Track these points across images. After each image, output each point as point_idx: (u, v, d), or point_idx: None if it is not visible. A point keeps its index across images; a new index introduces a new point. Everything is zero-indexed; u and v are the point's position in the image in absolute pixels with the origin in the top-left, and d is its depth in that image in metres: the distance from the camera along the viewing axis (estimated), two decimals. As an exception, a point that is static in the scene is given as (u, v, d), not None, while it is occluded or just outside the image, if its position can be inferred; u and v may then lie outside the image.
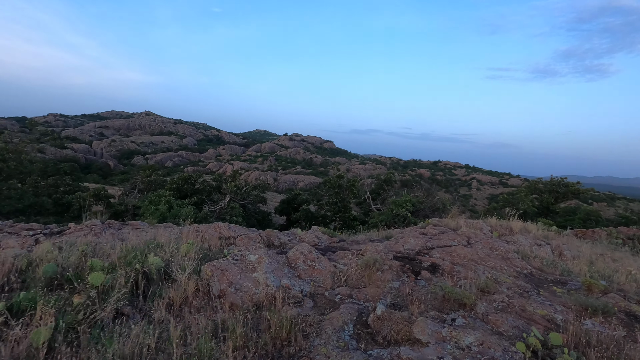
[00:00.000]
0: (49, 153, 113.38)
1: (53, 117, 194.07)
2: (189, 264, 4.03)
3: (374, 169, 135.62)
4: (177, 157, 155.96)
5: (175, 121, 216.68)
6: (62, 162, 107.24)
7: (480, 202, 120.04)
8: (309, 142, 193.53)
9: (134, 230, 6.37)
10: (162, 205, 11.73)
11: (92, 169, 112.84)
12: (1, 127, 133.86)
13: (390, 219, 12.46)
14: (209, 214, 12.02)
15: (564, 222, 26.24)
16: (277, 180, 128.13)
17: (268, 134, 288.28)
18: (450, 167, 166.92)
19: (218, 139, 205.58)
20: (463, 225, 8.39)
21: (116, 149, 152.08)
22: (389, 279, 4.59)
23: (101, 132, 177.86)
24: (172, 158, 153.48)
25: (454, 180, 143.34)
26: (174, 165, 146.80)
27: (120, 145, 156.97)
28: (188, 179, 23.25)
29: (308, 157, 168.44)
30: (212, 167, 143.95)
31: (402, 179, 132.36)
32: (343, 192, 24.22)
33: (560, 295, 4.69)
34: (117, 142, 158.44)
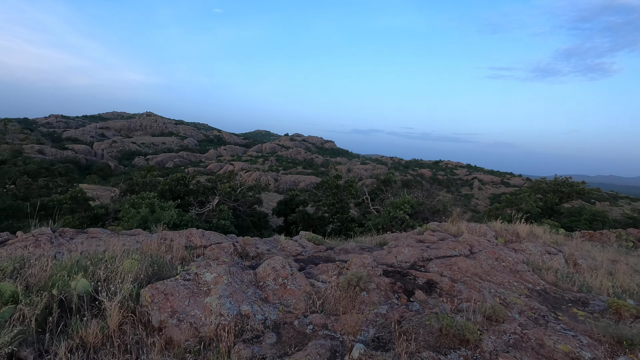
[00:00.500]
0: (49, 154, 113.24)
1: (54, 118, 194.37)
2: (124, 287, 3.25)
3: (375, 169, 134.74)
4: (178, 158, 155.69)
5: (176, 122, 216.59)
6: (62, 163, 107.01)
7: (482, 202, 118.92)
8: (310, 143, 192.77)
9: (88, 239, 5.59)
10: (143, 208, 10.97)
11: (93, 169, 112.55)
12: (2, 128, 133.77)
13: (387, 222, 11.65)
14: (195, 218, 11.26)
15: (569, 223, 25.31)
16: (277, 181, 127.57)
17: (269, 134, 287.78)
18: (451, 166, 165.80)
19: (219, 140, 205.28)
20: (465, 231, 7.57)
21: (117, 150, 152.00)
22: (376, 302, 3.78)
23: (102, 133, 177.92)
24: (172, 159, 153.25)
25: (456, 180, 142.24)
26: (175, 166, 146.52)
27: (121, 146, 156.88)
28: (181, 180, 22.47)
29: (309, 157, 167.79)
30: (212, 167, 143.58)
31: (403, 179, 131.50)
32: (341, 193, 23.40)
33: (583, 320, 3.87)
34: (118, 143, 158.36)
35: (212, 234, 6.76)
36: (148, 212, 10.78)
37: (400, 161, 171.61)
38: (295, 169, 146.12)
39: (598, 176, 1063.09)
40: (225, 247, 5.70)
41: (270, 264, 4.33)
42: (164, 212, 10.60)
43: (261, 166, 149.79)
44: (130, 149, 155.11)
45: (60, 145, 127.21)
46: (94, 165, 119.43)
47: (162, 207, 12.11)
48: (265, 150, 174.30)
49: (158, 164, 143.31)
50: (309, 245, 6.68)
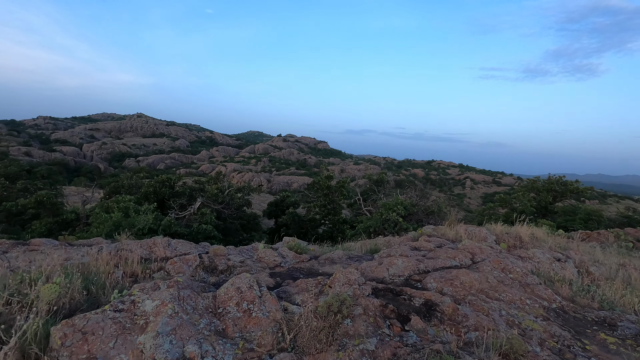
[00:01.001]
0: (37, 156, 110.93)
1: (43, 120, 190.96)
2: (27, 324, 2.43)
3: (368, 169, 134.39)
4: (170, 159, 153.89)
5: (167, 123, 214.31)
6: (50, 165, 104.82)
7: (474, 201, 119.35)
8: (303, 143, 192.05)
9: (26, 253, 4.74)
10: (116, 212, 10.04)
11: (82, 172, 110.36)
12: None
13: (379, 225, 10.90)
14: (174, 222, 10.36)
15: (564, 222, 24.87)
16: (270, 182, 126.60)
17: (262, 135, 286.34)
18: (444, 166, 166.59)
19: (211, 141, 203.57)
20: (464, 236, 6.84)
21: (107, 152, 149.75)
22: (362, 333, 3.01)
23: (92, 135, 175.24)
24: (164, 160, 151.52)
25: (448, 180, 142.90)
26: (166, 167, 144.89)
27: (112, 147, 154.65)
28: (166, 182, 21.50)
29: (302, 157, 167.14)
30: (204, 169, 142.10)
31: (396, 179, 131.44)
32: (332, 194, 22.64)
33: (616, 350, 3.15)
34: (108, 145, 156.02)
35: (179, 243, 5.92)
36: (121, 217, 9.89)
37: (393, 161, 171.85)
38: (288, 169, 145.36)
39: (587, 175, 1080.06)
40: (190, 260, 4.88)
41: (234, 284, 3.53)
42: (138, 217, 9.69)
43: (254, 167, 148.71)
44: (121, 150, 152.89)
45: (48, 147, 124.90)
46: (83, 167, 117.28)
47: (137, 211, 11.21)
48: (258, 151, 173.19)
49: (149, 166, 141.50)
50: (290, 254, 5.88)
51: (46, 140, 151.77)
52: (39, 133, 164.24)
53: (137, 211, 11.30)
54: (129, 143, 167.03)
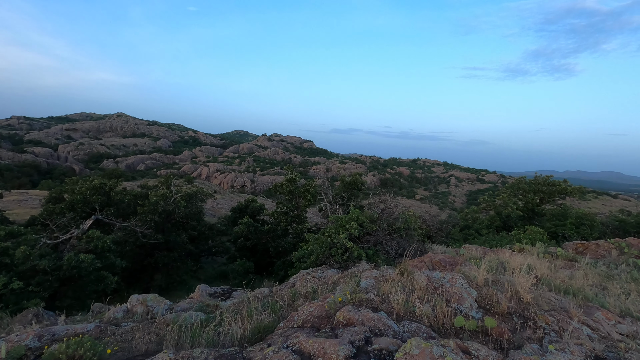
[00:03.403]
0: (6, 157, 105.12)
1: (17, 120, 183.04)
2: None
3: (354, 168, 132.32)
4: (150, 160, 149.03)
5: (149, 123, 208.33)
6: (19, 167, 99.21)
7: (458, 198, 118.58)
8: (289, 143, 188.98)
9: None
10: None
11: (54, 174, 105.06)
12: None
13: (325, 250, 8.22)
14: (45, 252, 7.50)
15: (553, 228, 22.75)
16: (254, 182, 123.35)
17: (247, 135, 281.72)
18: (429, 164, 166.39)
19: (194, 141, 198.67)
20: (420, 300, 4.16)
21: (84, 153, 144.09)
22: None
23: (69, 135, 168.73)
24: (144, 161, 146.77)
25: (433, 178, 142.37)
26: (147, 168, 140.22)
27: (89, 148, 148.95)
28: (100, 187, 18.42)
29: (287, 157, 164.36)
30: (186, 169, 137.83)
31: (382, 178, 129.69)
32: (296, 199, 19.95)
33: None
34: (85, 145, 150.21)
35: None
36: None
37: (379, 160, 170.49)
38: (273, 169, 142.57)
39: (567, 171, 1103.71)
40: None
41: None
42: None
43: (237, 167, 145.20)
44: (99, 151, 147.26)
45: (18, 149, 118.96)
46: (56, 169, 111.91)
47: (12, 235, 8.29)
48: (243, 151, 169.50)
49: (128, 167, 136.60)
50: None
51: (19, 141, 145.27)
52: (12, 134, 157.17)
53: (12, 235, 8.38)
54: (107, 143, 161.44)
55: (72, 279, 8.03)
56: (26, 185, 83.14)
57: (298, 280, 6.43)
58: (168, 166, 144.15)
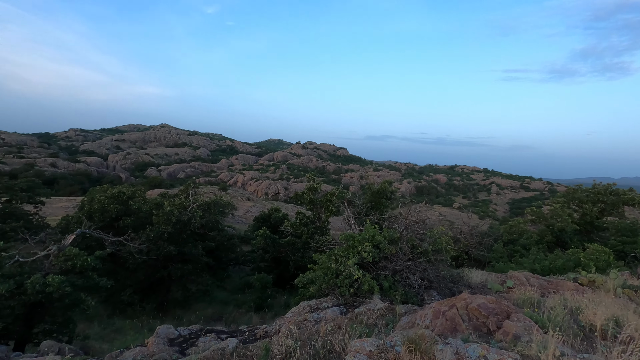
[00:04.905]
0: (62, 167, 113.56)
1: (74, 132, 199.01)
2: None
3: (389, 176, 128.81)
4: (190, 168, 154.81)
5: (189, 132, 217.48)
6: (74, 175, 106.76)
7: (500, 207, 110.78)
8: (322, 150, 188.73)
9: None
10: None
11: (103, 182, 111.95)
12: (21, 143, 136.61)
13: (330, 280, 6.61)
14: (11, 272, 6.55)
15: (619, 245, 19.32)
16: (287, 189, 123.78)
17: (282, 143, 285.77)
18: (468, 171, 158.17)
19: (231, 149, 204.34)
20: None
21: (131, 162, 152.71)
22: None
23: (118, 146, 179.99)
24: (184, 169, 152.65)
25: (472, 185, 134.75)
26: (187, 176, 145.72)
27: (135, 157, 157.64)
28: (118, 196, 18.11)
29: (321, 165, 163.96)
30: (223, 177, 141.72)
31: (417, 185, 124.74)
32: (318, 209, 18.49)
33: None
34: (132, 155, 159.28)
35: None
36: None
37: (414, 167, 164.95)
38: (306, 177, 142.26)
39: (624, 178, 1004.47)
40: None
41: None
42: None
43: (272, 175, 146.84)
44: (144, 160, 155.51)
45: (72, 158, 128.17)
46: (105, 177, 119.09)
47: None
48: (277, 159, 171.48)
49: (169, 175, 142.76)
50: None
51: (75, 151, 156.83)
52: (69, 145, 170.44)
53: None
54: (151, 153, 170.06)
55: (41, 304, 7.08)
56: (77, 193, 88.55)
57: (285, 325, 4.95)
58: (206, 174, 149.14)
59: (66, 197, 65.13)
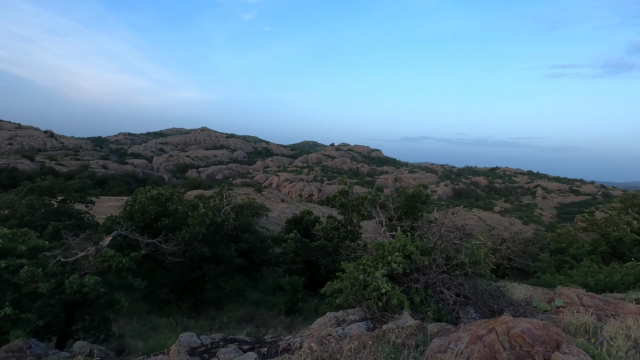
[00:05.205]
0: (112, 168, 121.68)
1: (122, 136, 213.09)
2: None
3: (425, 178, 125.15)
4: (227, 170, 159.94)
5: (227, 135, 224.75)
6: (122, 176, 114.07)
7: (547, 212, 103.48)
8: (356, 152, 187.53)
9: None
10: None
11: (148, 182, 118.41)
12: (77, 146, 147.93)
13: (357, 292, 6.26)
14: (54, 271, 6.94)
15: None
16: (321, 191, 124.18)
17: (316, 145, 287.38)
18: (510, 173, 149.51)
19: (267, 151, 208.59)
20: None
21: (173, 164, 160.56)
22: None
23: (161, 148, 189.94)
24: (222, 171, 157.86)
25: (515, 189, 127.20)
26: (224, 177, 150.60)
27: (177, 159, 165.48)
28: (157, 198, 18.88)
29: (355, 166, 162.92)
30: (259, 178, 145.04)
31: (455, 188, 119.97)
32: (349, 213, 18.14)
33: None
34: (174, 157, 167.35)
35: None
36: None
37: (452, 169, 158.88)
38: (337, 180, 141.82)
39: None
40: None
41: None
42: None
43: (306, 177, 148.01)
44: (185, 162, 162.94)
45: (121, 161, 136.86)
46: (150, 178, 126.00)
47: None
48: (311, 161, 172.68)
49: (208, 176, 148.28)
50: None
51: (123, 154, 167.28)
52: (119, 148, 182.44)
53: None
54: (192, 155, 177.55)
55: (79, 303, 7.40)
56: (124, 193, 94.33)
57: (308, 339, 4.72)
58: (243, 175, 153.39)
59: (114, 196, 69.57)
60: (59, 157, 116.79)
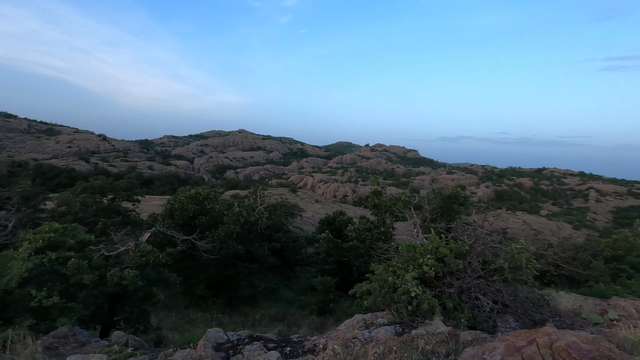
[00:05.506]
0: (157, 169, 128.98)
1: (167, 139, 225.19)
2: None
3: (464, 179, 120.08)
4: (264, 171, 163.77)
5: (264, 137, 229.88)
6: (166, 177, 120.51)
7: (601, 217, 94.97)
8: (392, 152, 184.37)
9: None
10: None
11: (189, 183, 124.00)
12: (126, 148, 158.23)
13: (386, 295, 6.03)
14: (98, 264, 7.44)
15: None
16: (356, 192, 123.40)
17: (351, 146, 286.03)
18: (558, 175, 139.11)
19: (302, 152, 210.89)
20: None
21: (212, 165, 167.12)
22: None
23: (202, 150, 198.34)
24: (259, 171, 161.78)
25: (565, 191, 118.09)
26: (261, 178, 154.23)
27: (216, 161, 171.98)
28: (195, 197, 19.64)
29: (390, 167, 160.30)
30: (294, 179, 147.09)
31: (497, 190, 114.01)
32: (382, 214, 17.78)
33: None
34: (213, 159, 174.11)
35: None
36: None
37: (493, 170, 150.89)
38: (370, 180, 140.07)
39: None
40: None
41: None
42: (9, 260, 6.90)
43: (340, 177, 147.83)
44: (223, 163, 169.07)
45: (165, 162, 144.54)
46: (191, 178, 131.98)
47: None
48: (346, 162, 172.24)
49: (245, 177, 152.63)
50: None
51: (167, 155, 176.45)
52: (163, 150, 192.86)
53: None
54: (230, 156, 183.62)
55: (120, 295, 7.83)
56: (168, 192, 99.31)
57: (332, 341, 4.62)
58: (278, 176, 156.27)
59: (159, 195, 73.60)
60: (110, 158, 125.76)
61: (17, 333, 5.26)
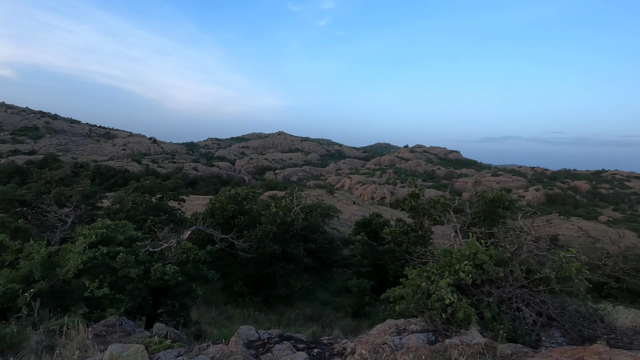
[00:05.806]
0: (201, 170, 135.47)
1: (210, 141, 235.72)
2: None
3: (511, 181, 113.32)
4: (302, 172, 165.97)
5: (302, 139, 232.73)
6: (210, 178, 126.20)
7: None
8: (432, 154, 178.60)
9: None
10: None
11: (231, 183, 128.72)
12: (174, 151, 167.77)
13: (419, 300, 5.83)
14: (144, 259, 7.94)
15: None
16: (394, 194, 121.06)
17: (389, 147, 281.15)
18: (621, 177, 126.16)
19: (340, 154, 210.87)
20: None
21: (253, 166, 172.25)
22: None
23: (243, 152, 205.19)
24: (297, 173, 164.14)
25: (628, 195, 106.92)
26: (299, 179, 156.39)
27: (256, 162, 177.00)
28: (235, 197, 20.34)
29: (430, 169, 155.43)
30: (331, 181, 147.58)
31: (548, 193, 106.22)
32: (420, 217, 17.24)
33: None
34: (254, 160, 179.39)
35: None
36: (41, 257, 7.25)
37: (544, 172, 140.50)
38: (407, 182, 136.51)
39: None
40: None
41: None
42: (67, 255, 7.50)
43: (378, 179, 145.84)
44: (263, 164, 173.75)
45: (209, 163, 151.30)
46: (232, 179, 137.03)
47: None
48: (384, 163, 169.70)
49: (284, 178, 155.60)
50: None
51: (211, 157, 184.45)
52: (207, 152, 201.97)
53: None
54: (270, 158, 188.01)
55: (163, 289, 8.30)
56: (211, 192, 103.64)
57: (361, 345, 4.54)
58: (316, 177, 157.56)
59: (202, 195, 77.19)
60: (159, 160, 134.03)
61: (71, 320, 5.76)
